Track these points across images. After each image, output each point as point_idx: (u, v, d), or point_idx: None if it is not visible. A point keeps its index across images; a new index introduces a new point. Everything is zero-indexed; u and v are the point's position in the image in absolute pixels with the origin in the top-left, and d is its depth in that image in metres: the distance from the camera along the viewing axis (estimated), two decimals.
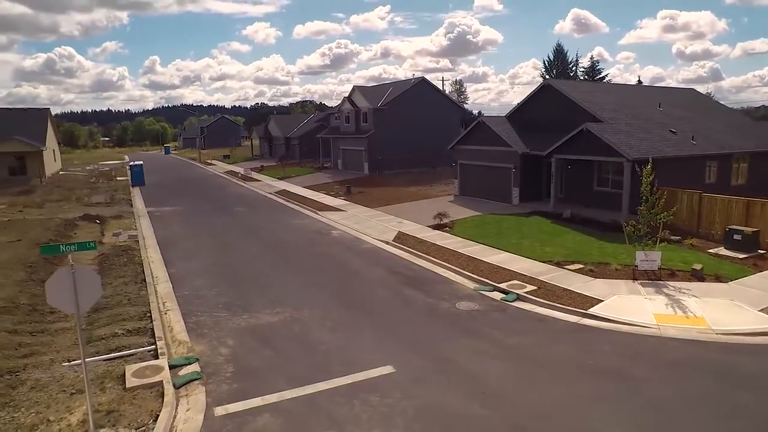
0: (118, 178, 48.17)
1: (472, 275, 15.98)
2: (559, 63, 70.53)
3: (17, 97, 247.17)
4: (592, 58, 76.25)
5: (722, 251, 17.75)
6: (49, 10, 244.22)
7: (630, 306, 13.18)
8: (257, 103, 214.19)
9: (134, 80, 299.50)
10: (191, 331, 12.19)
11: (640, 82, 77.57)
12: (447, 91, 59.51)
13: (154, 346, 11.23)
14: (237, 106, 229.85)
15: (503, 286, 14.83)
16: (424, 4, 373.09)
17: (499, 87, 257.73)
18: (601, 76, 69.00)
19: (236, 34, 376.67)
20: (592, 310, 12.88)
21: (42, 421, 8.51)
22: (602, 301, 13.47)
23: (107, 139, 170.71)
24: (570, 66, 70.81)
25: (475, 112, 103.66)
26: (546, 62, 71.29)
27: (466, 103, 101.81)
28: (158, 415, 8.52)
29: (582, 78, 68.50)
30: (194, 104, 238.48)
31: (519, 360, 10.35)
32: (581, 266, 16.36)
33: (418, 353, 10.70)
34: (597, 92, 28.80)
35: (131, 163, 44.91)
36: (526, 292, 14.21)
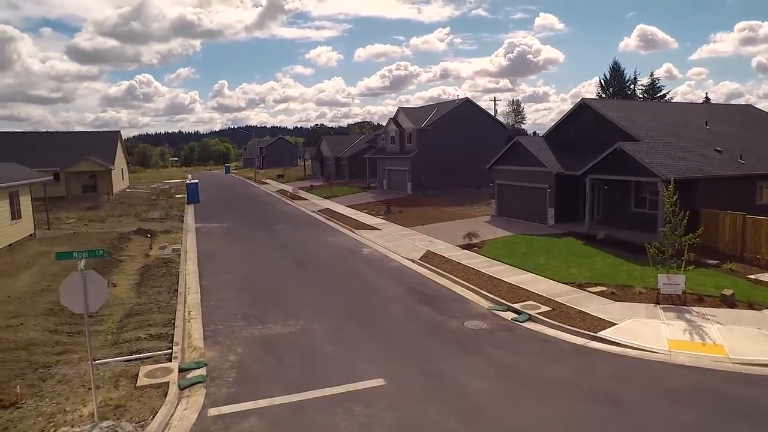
0: (176, 196, 51.12)
1: (488, 294, 15.98)
2: (615, 81, 68.68)
3: (102, 121, 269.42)
4: (651, 75, 73.17)
5: (764, 277, 16.80)
6: (133, 42, 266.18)
7: (644, 330, 12.79)
8: (316, 125, 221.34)
9: (204, 103, 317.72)
10: (207, 338, 12.97)
11: (707, 99, 74.11)
12: (504, 111, 59.38)
13: (170, 350, 12.08)
14: (298, 127, 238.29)
15: (517, 306, 14.75)
16: (483, 25, 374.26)
17: (561, 107, 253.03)
18: (661, 94, 66.58)
19: (299, 58, 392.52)
20: (602, 333, 12.61)
21: (60, 411, 9.42)
22: (615, 324, 13.14)
23: (176, 159, 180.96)
24: (627, 84, 68.82)
25: (533, 132, 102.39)
26: (602, 81, 69.68)
27: (524, 124, 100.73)
28: (158, 412, 9.23)
29: (641, 97, 66.36)
30: (258, 125, 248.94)
31: (510, 379, 10.35)
32: (603, 288, 15.98)
33: (412, 368, 10.91)
34: (636, 111, 28.00)
35: (187, 182, 47.65)
36: (538, 313, 14.08)
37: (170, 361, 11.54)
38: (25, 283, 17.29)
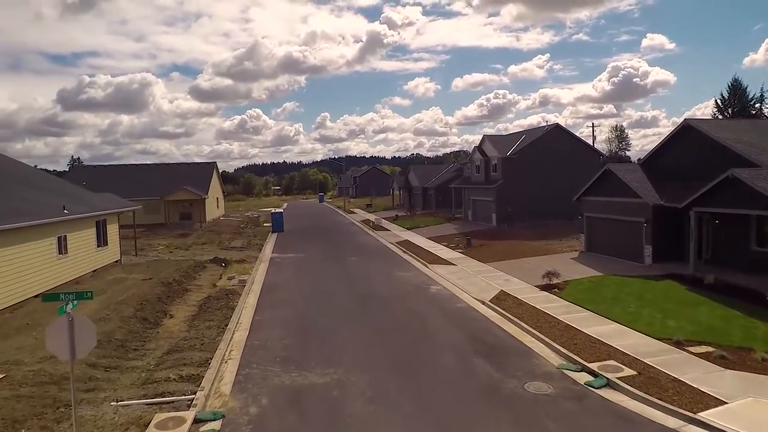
0: (264, 224, 52.61)
1: (561, 348, 13.63)
2: (736, 101, 61.58)
3: (216, 153, 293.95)
4: None
5: None
6: (245, 80, 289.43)
7: (766, 416, 9.87)
8: (413, 154, 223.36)
9: (307, 135, 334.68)
10: (236, 384, 12.03)
11: None
12: (606, 138, 55.14)
13: (194, 396, 11.25)
14: (396, 156, 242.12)
15: (594, 366, 12.31)
16: (585, 49, 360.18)
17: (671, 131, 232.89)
18: None
19: (398, 90, 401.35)
20: (705, 415, 9.83)
21: None
22: (725, 403, 10.24)
23: (278, 188, 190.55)
24: (751, 103, 61.38)
25: (638, 160, 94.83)
26: (719, 101, 62.80)
27: (629, 150, 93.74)
28: None
29: None
30: (358, 155, 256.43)
31: None
32: (710, 349, 12.98)
33: None
34: (754, 132, 23.86)
35: (273, 211, 48.86)
36: (619, 377, 11.58)
37: (189, 408, 10.68)
38: (89, 311, 17.62)
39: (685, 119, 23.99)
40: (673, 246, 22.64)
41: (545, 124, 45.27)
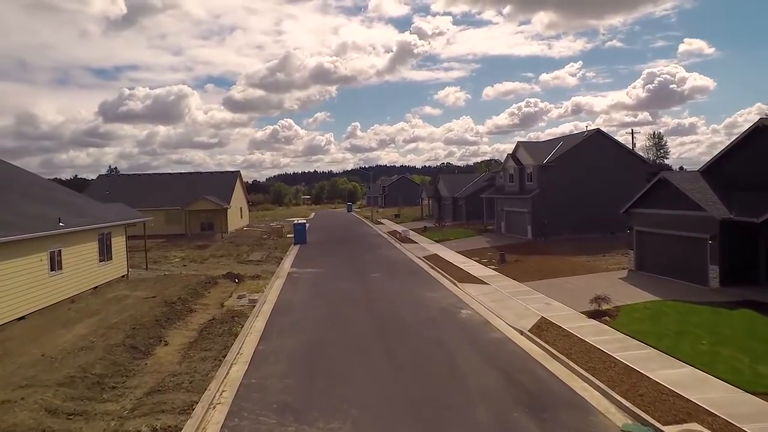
0: (288, 235, 50.84)
1: (622, 401, 10.92)
2: None
3: (249, 162, 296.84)
4: None
5: None
6: (278, 91, 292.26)
7: None
8: (443, 163, 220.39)
9: (338, 144, 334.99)
10: None
11: None
12: (643, 146, 51.86)
13: None
14: (426, 166, 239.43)
15: (672, 430, 9.59)
16: (619, 56, 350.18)
17: (711, 139, 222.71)
18: None
19: (428, 99, 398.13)
20: None
21: None
22: None
23: (308, 197, 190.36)
24: None
25: (679, 167, 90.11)
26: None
27: (667, 158, 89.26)
28: None
29: None
30: (388, 165, 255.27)
31: None
32: None
33: None
34: None
35: (295, 222, 47.01)
36: None
37: None
38: (74, 337, 15.75)
39: (760, 118, 20.78)
40: (745, 267, 19.49)
41: (584, 130, 42.15)
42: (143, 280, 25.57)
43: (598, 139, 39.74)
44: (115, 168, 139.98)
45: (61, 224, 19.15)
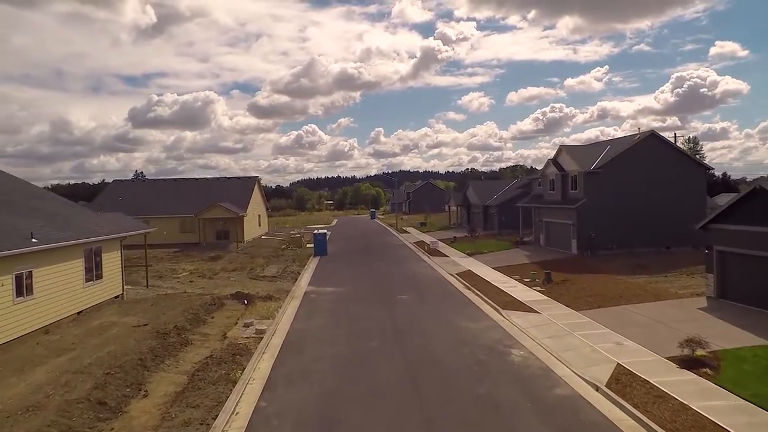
0: (308, 245, 47.66)
1: None
2: None
3: (273, 167, 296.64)
4: None
5: None
6: (302, 97, 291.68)
7: None
8: (467, 169, 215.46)
9: (361, 150, 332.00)
10: None
11: None
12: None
13: None
14: (450, 171, 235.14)
15: None
16: (646, 60, 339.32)
17: (745, 144, 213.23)
18: None
19: (452, 105, 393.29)
20: None
21: None
22: None
23: (330, 202, 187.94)
24: None
25: (722, 174, 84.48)
26: None
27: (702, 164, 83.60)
28: None
29: None
30: (411, 170, 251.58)
31: None
32: None
33: None
34: None
35: (315, 232, 43.78)
36: None
37: None
38: (26, 388, 12.53)
39: None
40: None
41: (636, 133, 37.89)
42: (139, 301, 22.47)
43: (651, 142, 35.48)
44: (142, 173, 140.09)
45: (33, 240, 16.14)
